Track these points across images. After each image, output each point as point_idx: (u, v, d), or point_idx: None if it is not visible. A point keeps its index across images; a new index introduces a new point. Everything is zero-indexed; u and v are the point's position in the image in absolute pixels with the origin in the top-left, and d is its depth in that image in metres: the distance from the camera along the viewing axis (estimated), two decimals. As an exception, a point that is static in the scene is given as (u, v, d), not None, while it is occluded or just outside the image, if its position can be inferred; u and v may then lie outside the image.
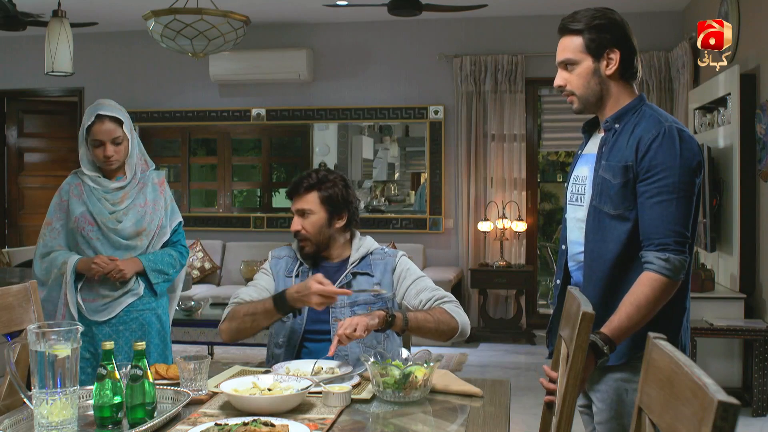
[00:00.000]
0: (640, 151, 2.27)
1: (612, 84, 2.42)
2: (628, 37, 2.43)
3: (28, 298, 2.51)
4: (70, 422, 1.93)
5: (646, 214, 2.25)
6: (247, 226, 8.66)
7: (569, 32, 2.43)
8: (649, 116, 2.36)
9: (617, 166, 2.31)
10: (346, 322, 2.60)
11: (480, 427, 2.09)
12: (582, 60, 2.40)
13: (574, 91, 2.44)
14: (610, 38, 2.38)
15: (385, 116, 8.35)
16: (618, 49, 2.39)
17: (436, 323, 2.81)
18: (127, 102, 8.66)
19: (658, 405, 1.40)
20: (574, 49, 2.41)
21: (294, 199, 2.99)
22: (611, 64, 2.39)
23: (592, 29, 2.38)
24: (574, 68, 2.42)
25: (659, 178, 2.23)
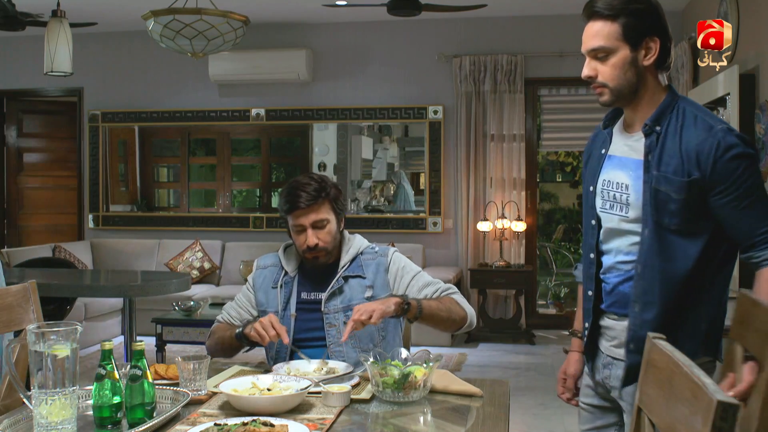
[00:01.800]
0: (703, 164, 2.12)
1: (649, 75, 2.24)
2: (665, 23, 2.23)
3: (28, 298, 2.51)
4: (70, 422, 1.92)
5: (736, 220, 2.15)
6: (246, 226, 8.65)
7: (602, 17, 2.20)
8: (694, 119, 2.19)
9: (678, 180, 2.14)
10: (361, 308, 2.55)
11: (479, 427, 2.09)
12: (618, 48, 2.19)
13: (606, 83, 2.23)
14: (649, 25, 2.19)
15: (384, 116, 8.35)
16: (657, 37, 2.20)
17: (448, 312, 2.76)
18: (127, 102, 8.74)
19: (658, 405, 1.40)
20: (608, 36, 2.18)
21: (303, 211, 2.79)
22: (650, 54, 2.20)
23: (631, 14, 2.17)
24: (609, 57, 2.20)
25: (737, 187, 2.12)
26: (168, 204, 9.56)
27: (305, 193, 2.79)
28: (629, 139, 2.30)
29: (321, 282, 2.89)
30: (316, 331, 2.85)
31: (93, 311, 7.32)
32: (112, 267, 8.35)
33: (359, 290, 2.86)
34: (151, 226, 8.85)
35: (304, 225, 2.80)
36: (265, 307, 2.90)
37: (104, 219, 8.92)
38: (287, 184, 2.89)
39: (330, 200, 2.84)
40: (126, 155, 9.23)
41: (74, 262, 7.88)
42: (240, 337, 2.74)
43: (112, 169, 9.01)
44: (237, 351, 2.86)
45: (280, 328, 2.60)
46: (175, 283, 5.73)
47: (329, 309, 2.84)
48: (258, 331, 2.60)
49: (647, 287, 2.18)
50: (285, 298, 2.89)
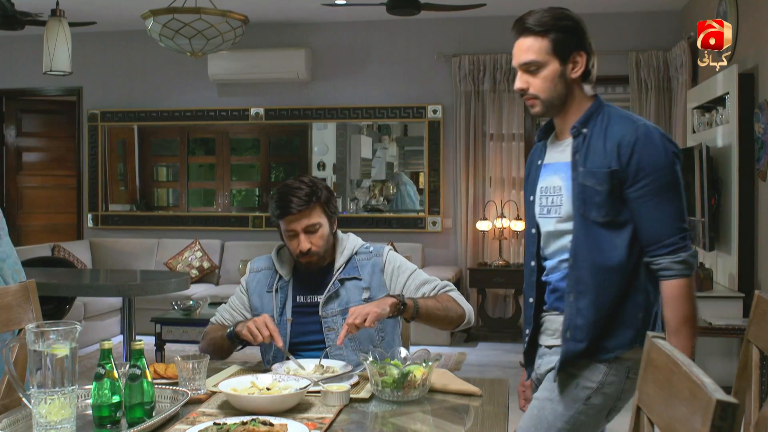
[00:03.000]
0: (622, 155, 2.23)
1: (576, 87, 2.37)
2: (589, 40, 2.38)
3: (27, 297, 2.50)
4: (69, 421, 1.92)
5: (646, 218, 2.23)
6: (245, 225, 8.65)
7: (533, 33, 2.33)
8: (619, 117, 2.32)
9: (600, 172, 2.25)
10: (356, 311, 2.53)
11: (479, 427, 2.09)
12: (548, 62, 2.32)
13: (538, 95, 2.35)
14: (576, 40, 2.33)
15: (383, 116, 8.34)
16: (584, 52, 2.34)
17: (445, 310, 2.75)
18: (126, 101, 8.73)
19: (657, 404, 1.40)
20: (539, 51, 2.32)
21: (295, 217, 2.76)
22: (577, 67, 2.34)
23: (560, 30, 2.31)
24: (540, 71, 2.33)
25: (651, 180, 2.21)
26: (167, 203, 9.56)
27: (296, 198, 2.75)
28: (561, 146, 2.42)
29: (317, 285, 2.87)
30: (313, 334, 2.84)
31: (92, 311, 7.31)
32: (111, 266, 8.35)
33: (356, 292, 2.85)
34: (150, 225, 8.85)
35: (296, 230, 2.77)
36: (260, 311, 2.88)
37: (103, 218, 8.91)
38: (278, 188, 2.86)
39: (321, 204, 2.80)
40: (125, 154, 9.23)
41: (73, 261, 7.88)
42: (231, 337, 2.74)
43: (111, 168, 9.00)
44: (230, 352, 2.85)
45: (273, 329, 2.59)
46: (174, 282, 5.74)
47: (327, 313, 2.83)
48: (251, 330, 2.59)
49: (579, 277, 2.28)
50: (281, 303, 2.87)
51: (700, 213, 5.80)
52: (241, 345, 2.79)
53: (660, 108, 7.56)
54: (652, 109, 7.55)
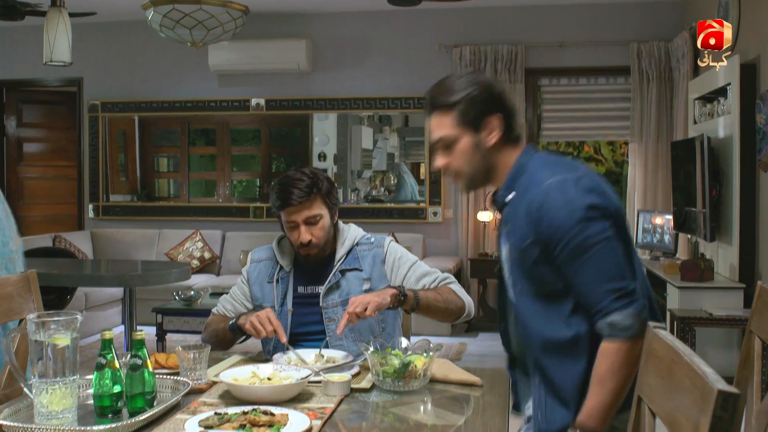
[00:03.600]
0: (533, 223, 2.03)
1: (497, 154, 2.18)
2: (504, 98, 2.20)
3: (28, 287, 2.51)
4: (70, 411, 1.93)
5: (573, 285, 2.02)
6: (246, 216, 8.65)
7: (439, 109, 2.18)
8: (533, 178, 2.09)
9: (523, 246, 2.07)
10: (357, 300, 2.53)
11: (479, 416, 2.09)
12: (460, 136, 2.16)
13: (458, 171, 2.20)
14: (485, 106, 2.15)
15: (384, 106, 8.34)
16: (498, 113, 2.16)
17: (445, 303, 2.75)
18: (126, 92, 8.72)
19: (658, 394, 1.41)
20: (448, 126, 2.16)
21: (295, 208, 2.75)
22: (493, 133, 2.15)
23: (464, 101, 2.14)
24: (454, 146, 2.17)
25: (563, 246, 2.00)
26: (168, 194, 9.55)
27: (297, 190, 2.74)
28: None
29: (317, 276, 2.87)
30: (314, 325, 2.84)
31: (93, 301, 7.32)
32: (112, 257, 8.35)
33: (357, 283, 2.85)
34: (151, 216, 8.85)
35: (296, 221, 2.77)
36: (261, 302, 2.89)
37: (104, 209, 8.92)
38: (278, 179, 2.85)
39: (322, 195, 2.79)
40: (126, 145, 9.22)
41: (74, 252, 7.88)
42: (234, 329, 2.74)
43: (111, 159, 9.00)
44: (232, 343, 2.86)
45: (276, 324, 2.59)
46: (175, 272, 5.74)
47: (328, 303, 2.83)
48: (254, 325, 2.59)
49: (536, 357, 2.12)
50: (281, 293, 2.88)
51: (701, 204, 5.80)
52: (243, 337, 2.80)
53: (661, 99, 7.55)
54: (653, 99, 7.54)
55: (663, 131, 7.56)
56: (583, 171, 2.10)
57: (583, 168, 2.13)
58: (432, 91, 2.21)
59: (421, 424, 2.08)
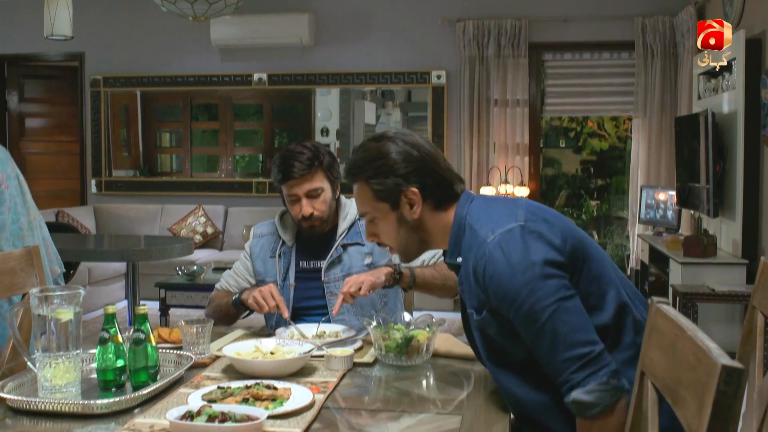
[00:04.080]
0: (482, 292, 1.84)
1: (426, 223, 1.99)
2: (422, 164, 1.96)
3: (31, 262, 2.51)
4: (74, 385, 1.93)
5: (533, 353, 1.81)
6: (249, 191, 8.65)
7: (354, 180, 2.03)
8: (474, 237, 1.88)
9: (480, 316, 1.89)
10: (351, 280, 2.54)
11: (481, 391, 2.10)
12: (381, 211, 2.00)
13: (389, 244, 2.07)
14: (400, 179, 1.95)
15: (387, 81, 8.30)
16: (415, 186, 1.95)
17: (443, 279, 2.74)
18: (128, 67, 8.69)
19: (661, 369, 1.40)
20: (366, 201, 2.01)
21: (297, 181, 2.75)
22: (415, 208, 1.97)
23: (376, 175, 1.96)
24: (377, 221, 2.02)
25: (515, 311, 1.77)
26: (171, 169, 9.55)
27: (298, 163, 2.74)
28: None
29: (320, 250, 2.87)
30: (316, 299, 2.85)
31: (97, 276, 7.34)
32: (115, 232, 8.36)
33: (358, 258, 2.85)
34: (153, 191, 8.85)
35: (298, 195, 2.77)
36: (264, 277, 2.89)
37: (107, 184, 8.91)
38: (280, 153, 2.84)
39: (324, 168, 2.79)
40: (128, 120, 9.20)
41: (77, 227, 7.89)
42: (237, 304, 2.75)
43: (114, 134, 8.98)
44: (235, 318, 2.87)
45: (279, 299, 2.60)
46: (177, 247, 5.75)
47: (329, 278, 2.83)
48: (257, 300, 2.60)
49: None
50: (284, 268, 2.88)
51: (705, 180, 5.78)
52: (246, 312, 2.80)
53: (666, 74, 7.51)
54: (657, 75, 7.50)
55: (667, 106, 7.53)
56: (525, 211, 1.87)
57: (522, 205, 1.91)
58: (348, 162, 2.05)
59: (424, 398, 2.08)
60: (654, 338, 1.47)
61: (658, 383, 1.41)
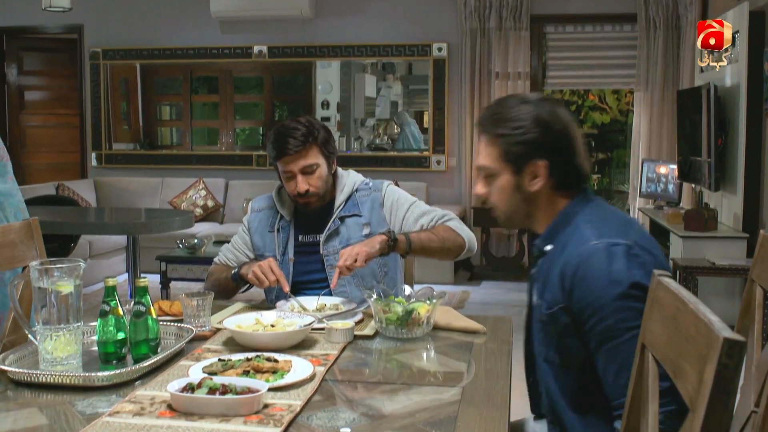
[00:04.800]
0: (565, 289, 1.77)
1: (541, 200, 1.93)
2: (560, 140, 1.89)
3: (31, 235, 2.50)
4: (75, 357, 1.94)
5: (599, 371, 1.74)
6: (249, 164, 8.63)
7: (486, 134, 1.94)
8: (577, 234, 1.83)
9: (553, 310, 1.82)
10: (345, 252, 2.53)
11: (482, 363, 2.10)
12: (500, 172, 1.93)
13: (495, 205, 1.99)
14: (533, 148, 1.88)
15: (388, 54, 8.26)
16: (546, 160, 1.88)
17: (441, 241, 2.73)
18: (128, 39, 8.64)
19: (662, 342, 1.40)
20: (490, 157, 1.93)
21: (291, 158, 2.72)
22: (537, 180, 1.90)
23: (512, 135, 1.88)
24: (494, 180, 1.95)
25: (596, 321, 1.71)
26: (171, 142, 9.53)
27: (293, 139, 2.71)
28: None
29: (318, 224, 2.86)
30: (316, 273, 2.84)
31: (98, 249, 7.34)
32: (115, 205, 8.36)
33: (356, 229, 2.84)
34: (154, 164, 8.83)
35: (293, 171, 2.74)
36: (262, 251, 2.88)
37: (107, 157, 8.90)
38: (274, 129, 2.82)
39: (319, 144, 2.76)
40: (128, 93, 9.17)
41: (78, 200, 7.88)
42: (236, 279, 2.74)
43: (114, 107, 8.95)
44: (234, 292, 2.87)
45: (279, 273, 2.59)
46: (178, 220, 5.74)
47: (328, 251, 2.83)
48: (257, 275, 2.59)
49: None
50: (282, 242, 2.87)
51: (706, 153, 5.77)
52: (246, 287, 2.80)
53: (668, 47, 7.47)
54: (659, 47, 7.46)
55: (669, 79, 7.49)
56: (637, 235, 1.80)
57: (636, 229, 1.85)
58: (485, 112, 1.98)
59: (424, 371, 2.08)
60: (655, 311, 1.47)
61: (659, 356, 1.41)
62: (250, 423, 1.59)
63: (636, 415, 1.48)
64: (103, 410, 1.69)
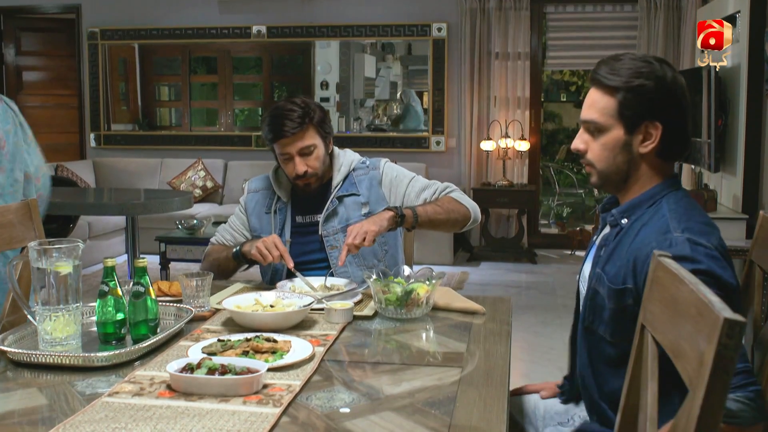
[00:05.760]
0: (638, 272, 1.75)
1: (644, 164, 1.88)
2: (678, 105, 1.86)
3: (29, 215, 2.50)
4: (74, 338, 1.93)
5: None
6: (248, 144, 8.62)
7: (602, 87, 1.89)
8: (661, 218, 1.80)
9: (612, 287, 1.82)
10: (354, 230, 2.52)
11: (481, 344, 2.10)
12: (611, 127, 1.87)
13: (594, 163, 1.93)
14: (653, 107, 1.83)
15: (387, 34, 8.23)
16: (660, 123, 1.84)
17: (446, 213, 2.74)
18: (126, 19, 8.59)
19: (662, 323, 1.40)
20: (603, 111, 1.87)
21: (288, 140, 2.71)
22: (648, 141, 1.85)
23: (632, 91, 1.83)
24: (600, 135, 1.89)
25: None
26: (170, 123, 9.51)
27: (289, 121, 2.70)
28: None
29: (316, 204, 2.85)
30: (315, 253, 2.84)
31: (97, 230, 7.34)
32: (114, 186, 8.35)
33: (355, 208, 2.84)
34: (153, 145, 8.82)
35: (290, 153, 2.73)
36: (260, 233, 2.87)
37: (106, 138, 8.88)
38: (269, 111, 2.80)
39: (315, 125, 2.75)
40: (126, 73, 9.14)
41: (77, 181, 7.87)
42: (238, 256, 2.74)
43: (112, 87, 8.93)
44: (233, 272, 2.86)
45: (283, 249, 2.59)
46: (177, 201, 5.74)
47: (328, 231, 2.82)
48: (260, 250, 2.58)
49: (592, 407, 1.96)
50: (280, 224, 2.86)
51: (706, 134, 5.75)
52: (246, 265, 2.80)
53: (668, 27, 7.44)
54: (660, 28, 7.43)
55: (669, 60, 7.45)
56: (717, 239, 1.76)
57: (717, 236, 1.78)
58: (602, 63, 1.92)
59: (424, 351, 2.09)
60: (655, 291, 1.46)
61: (659, 336, 1.41)
62: (250, 403, 1.59)
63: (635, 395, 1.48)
64: (103, 390, 1.69)
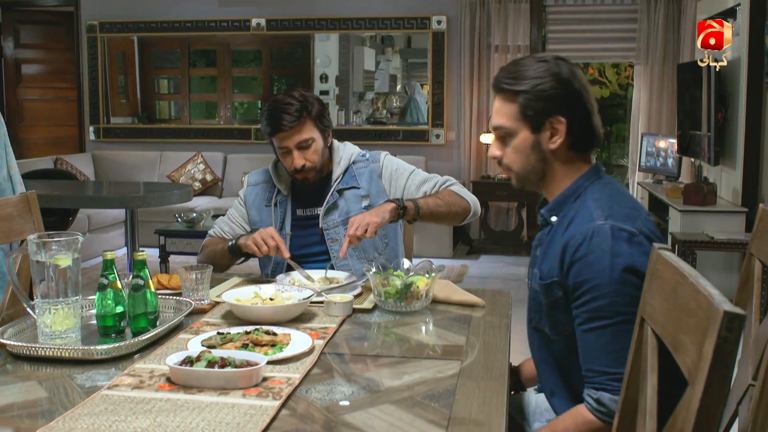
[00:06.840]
0: (564, 263, 1.78)
1: (557, 160, 1.91)
2: (579, 98, 1.90)
3: (28, 208, 2.50)
4: (74, 331, 1.93)
5: (580, 344, 1.78)
6: (248, 138, 8.61)
7: (503, 93, 1.93)
8: (584, 210, 1.83)
9: (541, 283, 1.86)
10: (356, 221, 2.52)
11: (481, 337, 2.10)
12: (518, 130, 1.90)
13: (510, 166, 1.96)
14: (553, 104, 1.87)
15: (387, 26, 8.21)
16: (564, 117, 1.87)
17: (447, 206, 2.74)
18: (125, 12, 8.58)
19: (662, 315, 1.40)
20: (508, 116, 1.91)
21: (287, 134, 2.70)
22: (556, 137, 1.89)
23: (530, 92, 1.87)
24: (510, 139, 1.92)
25: (587, 300, 1.74)
26: (169, 116, 9.50)
27: (287, 114, 2.69)
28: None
29: (316, 197, 2.85)
30: (315, 246, 2.84)
31: (96, 223, 7.34)
32: (114, 179, 8.35)
33: (355, 201, 2.83)
34: (152, 138, 8.81)
35: (289, 147, 2.73)
36: (259, 225, 2.86)
37: (105, 131, 8.87)
38: (267, 104, 2.80)
39: (313, 118, 2.74)
40: (125, 66, 9.13)
41: (76, 174, 7.87)
42: (234, 249, 2.74)
43: (111, 80, 8.91)
44: (230, 264, 2.86)
45: (279, 240, 2.58)
46: (176, 194, 5.73)
47: (328, 224, 2.82)
48: (256, 241, 2.58)
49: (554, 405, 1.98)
50: (280, 217, 2.86)
51: (706, 127, 5.76)
52: (242, 258, 2.80)
53: (668, 20, 7.42)
54: (660, 21, 7.42)
55: (669, 53, 7.46)
56: (643, 222, 1.80)
57: (643, 218, 1.82)
58: (501, 71, 1.96)
59: (423, 344, 2.09)
60: (655, 284, 1.46)
61: (658, 329, 1.40)
62: (249, 396, 1.60)
63: (635, 388, 1.48)
64: (102, 383, 1.69)
